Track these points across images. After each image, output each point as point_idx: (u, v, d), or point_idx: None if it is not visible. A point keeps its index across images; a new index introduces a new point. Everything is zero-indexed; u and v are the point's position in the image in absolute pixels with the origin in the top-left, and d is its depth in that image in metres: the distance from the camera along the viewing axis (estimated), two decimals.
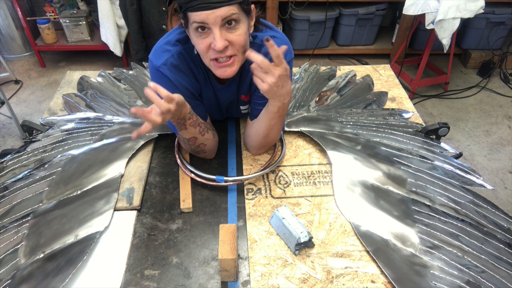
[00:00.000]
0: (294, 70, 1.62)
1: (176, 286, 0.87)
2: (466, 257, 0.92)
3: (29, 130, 1.32)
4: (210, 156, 1.18)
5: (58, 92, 1.50)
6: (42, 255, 0.91)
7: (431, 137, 1.30)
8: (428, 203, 1.05)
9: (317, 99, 1.45)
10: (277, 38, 1.02)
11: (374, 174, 1.12)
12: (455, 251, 0.93)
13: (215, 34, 0.85)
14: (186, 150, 1.15)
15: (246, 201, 1.06)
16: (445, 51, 2.52)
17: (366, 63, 3.32)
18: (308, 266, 0.91)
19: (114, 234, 0.98)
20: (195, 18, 0.85)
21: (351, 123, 1.30)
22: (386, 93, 1.50)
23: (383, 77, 1.62)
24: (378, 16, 3.13)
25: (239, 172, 1.15)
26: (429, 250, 0.93)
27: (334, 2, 3.10)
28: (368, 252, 0.93)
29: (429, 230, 0.98)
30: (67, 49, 3.16)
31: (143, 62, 1.66)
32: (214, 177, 1.08)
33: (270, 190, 1.09)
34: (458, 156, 1.24)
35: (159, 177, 1.14)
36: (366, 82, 1.55)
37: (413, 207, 1.04)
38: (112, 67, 1.80)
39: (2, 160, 1.20)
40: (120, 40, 2.81)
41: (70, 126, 1.31)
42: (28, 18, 2.96)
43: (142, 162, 1.17)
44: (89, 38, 3.06)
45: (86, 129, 1.29)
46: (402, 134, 1.28)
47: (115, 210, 1.03)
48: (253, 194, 1.08)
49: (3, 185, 1.11)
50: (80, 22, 2.96)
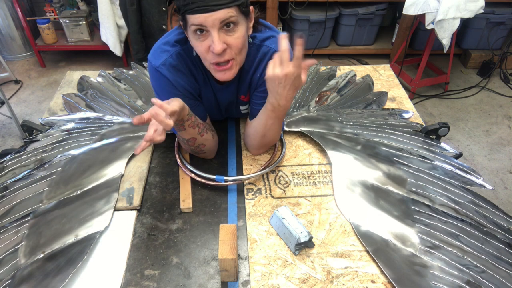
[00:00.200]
0: None
1: (176, 286, 0.87)
2: (466, 257, 0.92)
3: (29, 130, 1.32)
4: (210, 156, 1.18)
5: (58, 92, 1.50)
6: (42, 255, 0.91)
7: (431, 137, 1.30)
8: (428, 203, 1.05)
9: (317, 99, 1.45)
10: (276, 38, 1.02)
11: (374, 174, 1.12)
12: (455, 251, 0.93)
13: (214, 37, 0.85)
14: (186, 150, 1.15)
15: (246, 201, 1.06)
16: (445, 51, 2.52)
17: (366, 63, 3.32)
18: (308, 266, 0.91)
19: (114, 234, 0.98)
20: (194, 20, 0.85)
21: (351, 123, 1.30)
22: (386, 93, 1.50)
23: (383, 77, 1.62)
24: (378, 16, 3.13)
25: (239, 172, 1.15)
26: (429, 250, 0.93)
27: (334, 2, 3.10)
28: (368, 252, 0.93)
29: (429, 230, 0.98)
30: (67, 49, 3.16)
31: (143, 62, 1.66)
32: (214, 177, 1.08)
33: (270, 190, 1.09)
34: (458, 156, 1.24)
35: (159, 177, 1.14)
36: (366, 82, 1.55)
37: (413, 207, 1.04)
38: (112, 67, 1.80)
39: (2, 160, 1.20)
40: (120, 40, 2.81)
41: (70, 126, 1.31)
42: (28, 18, 2.96)
43: (142, 162, 1.17)
44: (89, 38, 3.06)
45: (86, 129, 1.29)
46: (402, 134, 1.28)
47: (115, 210, 1.03)
48: (253, 194, 1.08)
49: (3, 185, 1.11)
50: (80, 22, 2.96)
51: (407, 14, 2.52)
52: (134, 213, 1.03)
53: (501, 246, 0.97)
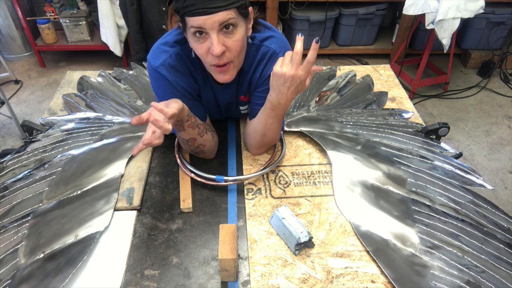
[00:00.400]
0: None
1: (176, 286, 0.87)
2: (466, 257, 0.92)
3: (29, 130, 1.32)
4: (210, 156, 1.18)
5: (58, 92, 1.50)
6: (42, 255, 0.91)
7: (431, 137, 1.30)
8: (428, 203, 1.05)
9: (317, 99, 1.45)
10: (275, 38, 1.02)
11: (374, 174, 1.12)
12: (455, 251, 0.93)
13: (213, 40, 0.85)
14: (186, 150, 1.15)
15: (246, 201, 1.06)
16: (445, 51, 2.52)
17: (366, 63, 3.32)
18: (308, 266, 0.91)
19: (114, 234, 0.98)
20: (193, 23, 0.84)
21: (351, 123, 1.30)
22: (386, 93, 1.50)
23: (383, 77, 1.62)
24: (378, 16, 3.13)
25: (239, 172, 1.15)
26: (429, 250, 0.93)
27: (334, 2, 3.10)
28: (368, 252, 0.93)
29: (429, 230, 0.98)
30: (67, 49, 3.16)
31: (143, 62, 1.66)
32: (214, 177, 1.08)
33: (270, 190, 1.09)
34: (458, 156, 1.24)
35: (159, 177, 1.14)
36: (366, 82, 1.55)
37: (413, 207, 1.04)
38: (112, 67, 1.80)
39: (2, 160, 1.20)
40: (120, 40, 2.81)
41: (70, 126, 1.31)
42: (28, 18, 2.96)
43: (142, 162, 1.17)
44: (89, 38, 3.06)
45: (86, 129, 1.29)
46: (402, 134, 1.28)
47: (115, 210, 1.03)
48: (253, 194, 1.08)
49: (3, 185, 1.11)
50: (80, 22, 2.96)
51: (407, 14, 2.52)
52: (134, 213, 1.03)
53: (501, 246, 0.97)
